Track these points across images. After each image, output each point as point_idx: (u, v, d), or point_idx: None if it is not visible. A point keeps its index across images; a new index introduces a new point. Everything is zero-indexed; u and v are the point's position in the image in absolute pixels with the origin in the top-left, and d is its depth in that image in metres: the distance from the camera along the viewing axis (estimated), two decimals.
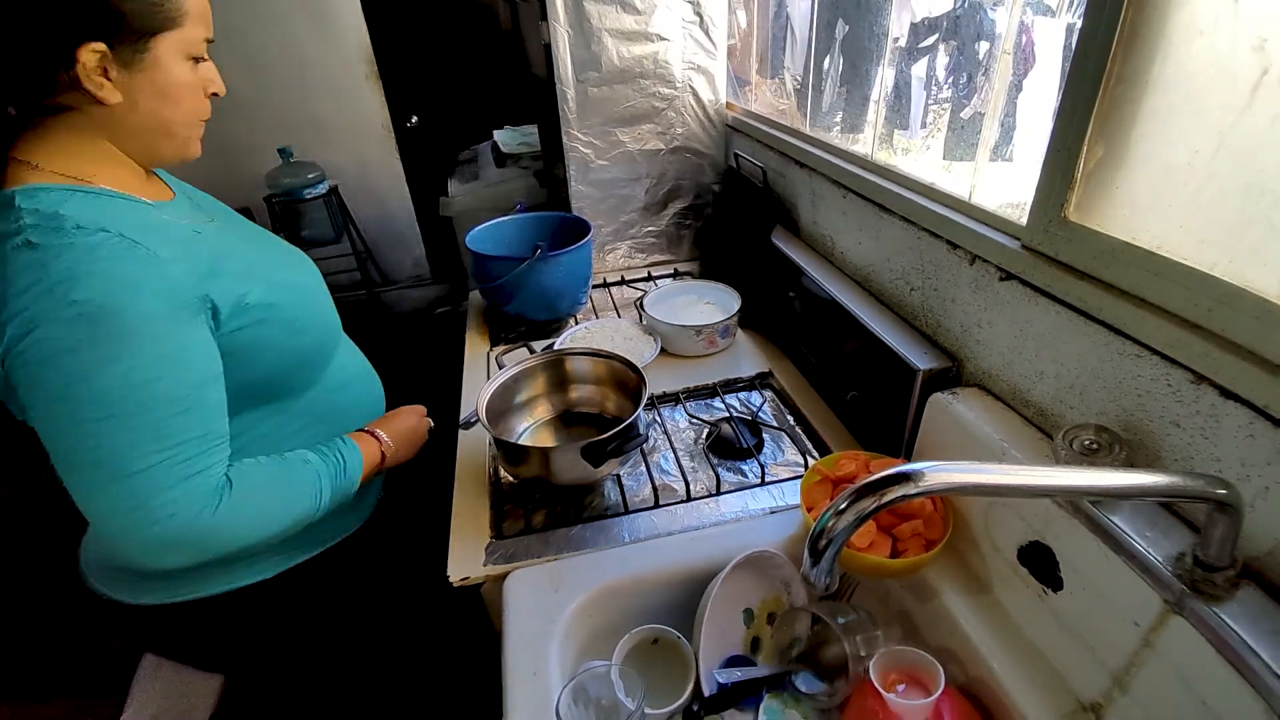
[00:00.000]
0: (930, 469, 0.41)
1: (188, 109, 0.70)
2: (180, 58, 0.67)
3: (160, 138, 0.70)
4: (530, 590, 0.79)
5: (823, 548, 0.43)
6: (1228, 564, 0.49)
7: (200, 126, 0.74)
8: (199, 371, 0.66)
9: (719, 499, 0.93)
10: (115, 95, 0.64)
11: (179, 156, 0.73)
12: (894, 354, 0.87)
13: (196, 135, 0.74)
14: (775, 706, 0.71)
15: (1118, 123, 0.60)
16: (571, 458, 0.86)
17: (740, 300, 1.32)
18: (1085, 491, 0.48)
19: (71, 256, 0.59)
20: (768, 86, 1.51)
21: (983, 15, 0.86)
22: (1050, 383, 0.70)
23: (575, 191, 1.58)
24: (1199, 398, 0.54)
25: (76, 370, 0.59)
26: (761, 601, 0.80)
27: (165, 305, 0.63)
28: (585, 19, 1.39)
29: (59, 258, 0.59)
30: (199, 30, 0.68)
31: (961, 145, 0.92)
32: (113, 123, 0.66)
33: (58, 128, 0.65)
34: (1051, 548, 0.64)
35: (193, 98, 0.71)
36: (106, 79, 0.63)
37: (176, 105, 0.69)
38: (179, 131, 0.71)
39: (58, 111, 0.64)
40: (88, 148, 0.66)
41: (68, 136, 0.65)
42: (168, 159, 0.73)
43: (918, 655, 0.68)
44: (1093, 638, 0.60)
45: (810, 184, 1.24)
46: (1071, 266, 0.64)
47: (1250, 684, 0.45)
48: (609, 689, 0.67)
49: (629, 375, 1.03)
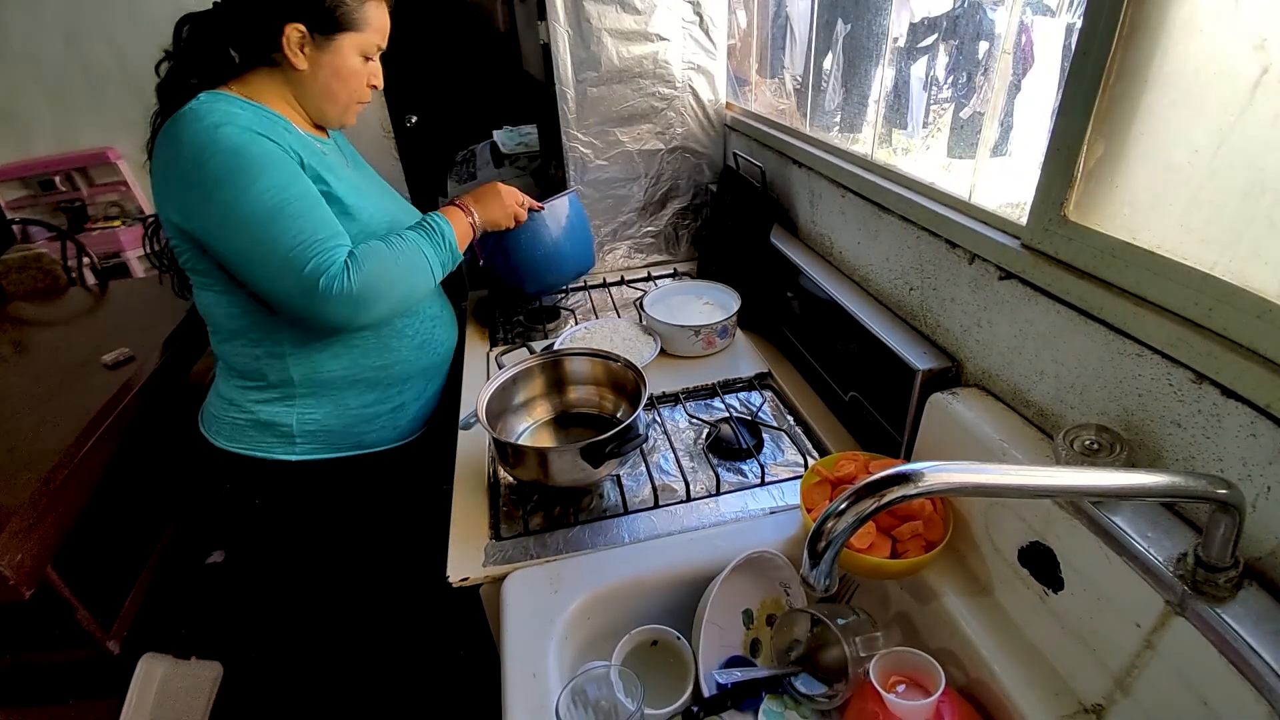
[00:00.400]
0: (930, 469, 0.41)
1: (352, 89, 0.97)
2: (355, 52, 0.94)
3: (326, 103, 0.97)
4: (529, 591, 0.78)
5: (822, 549, 0.43)
6: (1230, 564, 0.49)
7: (359, 105, 1.00)
8: (312, 188, 0.88)
9: (719, 499, 0.93)
10: (303, 63, 0.91)
11: (339, 121, 1.01)
12: (893, 354, 0.87)
13: (354, 110, 1.00)
14: (775, 708, 0.71)
15: (1117, 121, 0.60)
16: (571, 458, 0.86)
17: (739, 300, 1.31)
18: (1086, 492, 0.48)
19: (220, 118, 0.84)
20: (767, 86, 1.50)
21: (982, 15, 0.86)
22: (1050, 382, 0.70)
23: None
24: (1200, 397, 0.53)
25: (232, 193, 0.82)
26: (761, 603, 0.80)
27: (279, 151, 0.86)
28: (584, 19, 1.39)
29: (209, 117, 0.84)
30: (375, 38, 0.95)
31: (961, 145, 0.92)
32: (297, 82, 0.94)
33: (261, 75, 0.93)
34: (1052, 548, 0.64)
35: (357, 82, 0.97)
36: (301, 52, 0.90)
37: (344, 84, 0.95)
38: (341, 101, 0.97)
39: (265, 65, 0.92)
40: (273, 91, 0.94)
41: (265, 81, 0.93)
42: (330, 120, 1.01)
43: (918, 657, 0.68)
44: (1094, 639, 0.60)
45: (809, 184, 1.24)
46: (1071, 265, 0.64)
47: (1253, 685, 0.45)
48: (608, 690, 0.67)
49: (628, 375, 1.02)
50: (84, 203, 3.20)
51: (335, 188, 0.94)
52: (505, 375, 1.01)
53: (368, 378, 1.04)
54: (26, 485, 1.19)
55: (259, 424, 1.01)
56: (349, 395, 1.04)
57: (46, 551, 1.17)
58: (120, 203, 3.25)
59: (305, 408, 1.02)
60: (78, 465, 1.27)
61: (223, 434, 1.03)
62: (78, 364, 1.61)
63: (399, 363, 1.07)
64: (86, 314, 1.98)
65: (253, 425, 1.02)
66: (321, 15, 0.89)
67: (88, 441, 1.31)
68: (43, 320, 1.97)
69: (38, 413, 1.42)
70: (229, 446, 1.03)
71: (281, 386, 1.00)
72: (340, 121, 1.01)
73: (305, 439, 1.03)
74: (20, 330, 1.89)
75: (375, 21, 0.94)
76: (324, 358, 1.00)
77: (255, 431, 1.02)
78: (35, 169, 3.09)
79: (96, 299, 2.07)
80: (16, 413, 1.42)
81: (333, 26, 0.90)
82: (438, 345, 1.15)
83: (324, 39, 0.90)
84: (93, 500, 1.32)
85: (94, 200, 3.22)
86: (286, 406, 1.01)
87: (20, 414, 1.41)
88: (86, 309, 2.01)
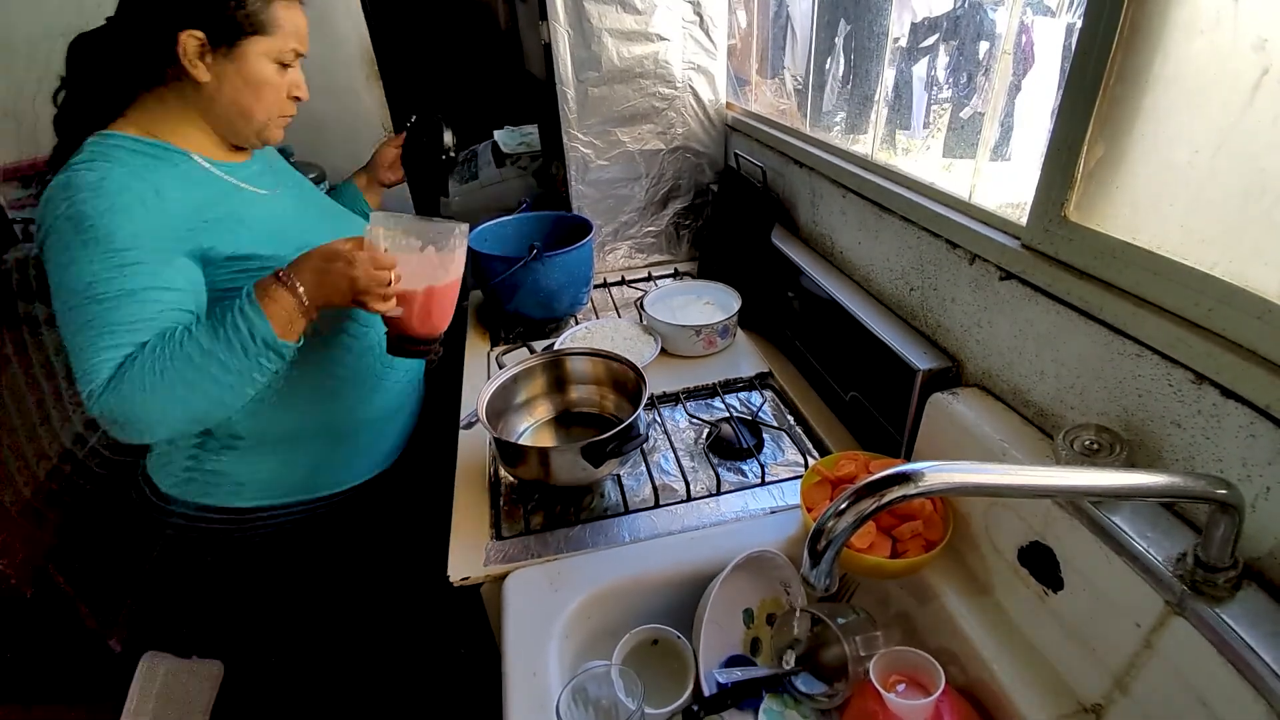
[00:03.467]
0: (930, 469, 0.41)
1: (267, 102, 0.85)
2: (266, 60, 0.82)
3: (238, 119, 0.85)
4: (530, 590, 0.78)
5: (822, 548, 0.43)
6: (1229, 564, 0.49)
7: (281, 120, 0.89)
8: (141, 282, 0.74)
9: (719, 499, 0.93)
10: (204, 74, 0.79)
11: (257, 139, 0.89)
12: (894, 354, 0.87)
13: (276, 125, 0.89)
14: (775, 707, 0.71)
15: (1118, 122, 0.60)
16: (571, 458, 0.86)
17: (740, 300, 1.31)
18: (1086, 492, 0.48)
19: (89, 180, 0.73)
20: (768, 86, 1.50)
21: (983, 15, 0.86)
22: (1050, 382, 0.70)
23: (575, 191, 1.58)
24: (1200, 397, 0.53)
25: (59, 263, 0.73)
26: (761, 602, 0.80)
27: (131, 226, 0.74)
28: (585, 19, 1.39)
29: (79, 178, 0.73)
30: (289, 43, 0.84)
31: (962, 145, 0.92)
32: (203, 99, 0.82)
33: (161, 98, 0.82)
34: (1052, 548, 0.64)
35: (273, 94, 0.85)
36: (201, 62, 0.79)
37: (257, 96, 0.84)
38: (257, 117, 0.85)
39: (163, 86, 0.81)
40: (176, 116, 0.83)
41: (166, 107, 0.82)
42: (246, 138, 0.88)
43: (918, 656, 0.68)
44: (1093, 638, 0.60)
45: (810, 184, 1.24)
46: (1071, 266, 0.64)
47: (1252, 685, 0.45)
48: (609, 689, 0.67)
49: (629, 375, 1.02)
50: None
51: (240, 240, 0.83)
52: (506, 375, 1.02)
53: (314, 428, 0.97)
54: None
55: (206, 472, 0.94)
56: (297, 449, 0.97)
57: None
58: None
59: (256, 458, 0.95)
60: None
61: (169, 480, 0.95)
62: None
63: (348, 408, 1.00)
64: None
65: (200, 473, 0.94)
66: (220, 20, 0.78)
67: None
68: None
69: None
70: (173, 493, 0.95)
71: (226, 439, 0.93)
72: (260, 139, 0.89)
73: (256, 487, 0.96)
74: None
75: (287, 24, 0.83)
76: (270, 412, 0.92)
77: (202, 478, 0.94)
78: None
79: None
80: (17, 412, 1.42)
81: (235, 32, 0.79)
82: (392, 383, 1.05)
83: (227, 47, 0.80)
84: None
85: None
86: (234, 456, 0.94)
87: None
88: None
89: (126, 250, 0.73)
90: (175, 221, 0.77)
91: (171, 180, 0.79)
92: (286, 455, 0.97)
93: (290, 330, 0.78)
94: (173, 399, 0.74)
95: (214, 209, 0.82)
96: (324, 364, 0.94)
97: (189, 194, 0.80)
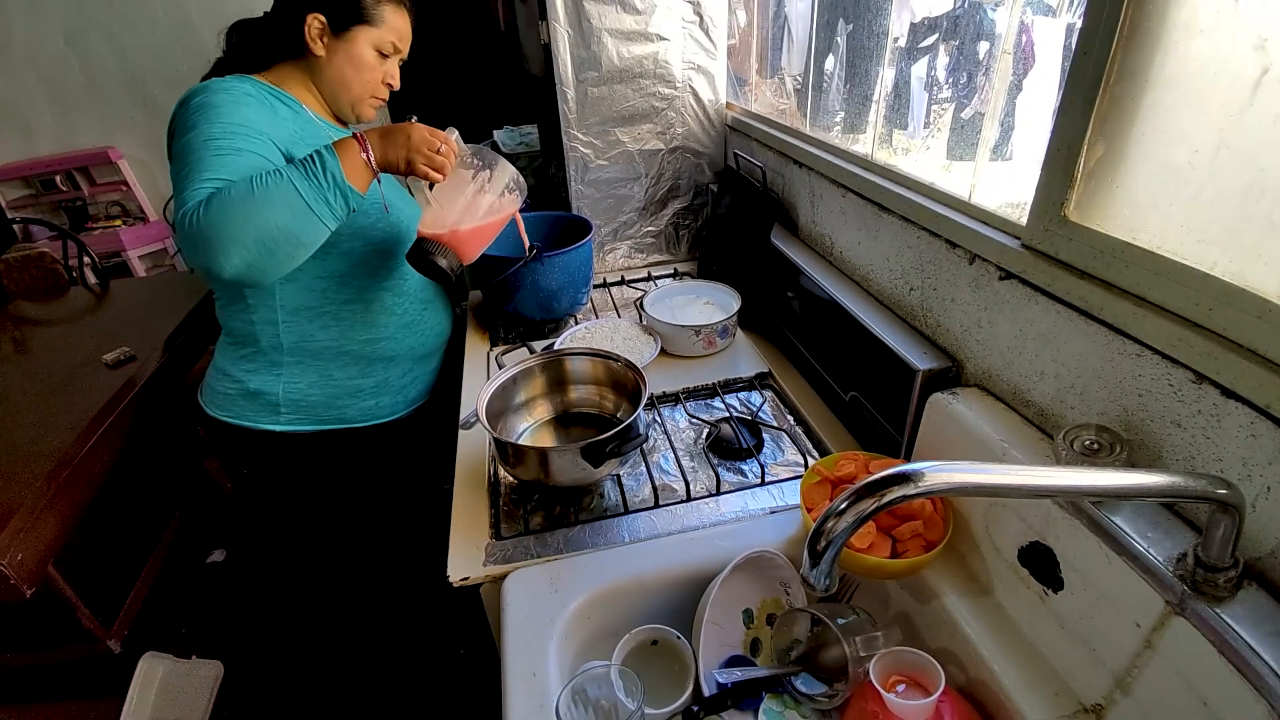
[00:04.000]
0: (930, 469, 0.41)
1: (365, 79, 1.05)
2: (369, 46, 1.03)
3: (340, 89, 1.05)
4: (530, 591, 0.78)
5: (822, 549, 0.43)
6: (1229, 564, 0.49)
7: (374, 101, 1.09)
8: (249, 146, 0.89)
9: (719, 499, 0.93)
10: (321, 50, 1.02)
11: (352, 112, 1.09)
12: (893, 354, 0.87)
13: (369, 104, 1.09)
14: (775, 708, 0.71)
15: (1118, 122, 0.60)
16: (571, 458, 0.86)
17: (739, 300, 1.31)
18: (1086, 492, 0.48)
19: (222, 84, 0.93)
20: (767, 86, 1.50)
21: (983, 15, 0.85)
22: (1051, 382, 0.70)
23: (575, 191, 1.58)
24: (1200, 397, 0.53)
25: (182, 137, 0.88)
26: (761, 602, 0.80)
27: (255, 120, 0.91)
28: (585, 19, 1.39)
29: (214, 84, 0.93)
30: (390, 36, 1.04)
31: (962, 145, 0.92)
32: (316, 70, 1.04)
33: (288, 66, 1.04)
34: (1052, 548, 0.64)
35: (370, 74, 1.05)
36: (320, 40, 1.01)
37: (357, 73, 1.04)
38: (354, 89, 1.06)
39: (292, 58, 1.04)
40: (297, 80, 1.05)
41: (291, 71, 1.04)
42: (343, 109, 1.08)
43: (918, 656, 0.68)
44: (1094, 639, 0.60)
45: (809, 184, 1.24)
46: (1071, 266, 0.64)
47: (1252, 685, 0.45)
48: (609, 690, 0.67)
49: (628, 375, 1.02)
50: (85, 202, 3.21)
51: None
52: (506, 375, 1.02)
53: (353, 350, 1.09)
54: (28, 484, 1.19)
55: (247, 393, 1.07)
56: (334, 367, 1.09)
57: (48, 550, 1.17)
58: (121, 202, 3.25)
59: (291, 377, 1.07)
60: (79, 464, 1.27)
61: (215, 403, 1.10)
62: (79, 363, 1.61)
63: (384, 339, 1.12)
64: (88, 313, 1.98)
65: (242, 395, 1.07)
66: (341, 8, 0.99)
67: (89, 440, 1.32)
68: (44, 319, 1.97)
69: (39, 411, 1.42)
70: (220, 415, 1.09)
71: (271, 353, 1.06)
72: (354, 112, 1.08)
73: (290, 409, 1.08)
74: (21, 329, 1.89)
75: (391, 21, 1.03)
76: (314, 327, 1.05)
77: (244, 401, 1.08)
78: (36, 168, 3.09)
79: (98, 298, 2.07)
80: (18, 412, 1.42)
81: (350, 19, 1.00)
82: (425, 329, 1.19)
83: (341, 30, 1.01)
84: (94, 499, 1.33)
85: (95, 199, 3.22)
86: (274, 375, 1.07)
87: (21, 413, 1.42)
88: (88, 308, 2.01)
89: (241, 125, 0.89)
90: (280, 131, 0.95)
91: (284, 111, 0.99)
92: (323, 371, 1.09)
93: (357, 179, 0.87)
94: (248, 216, 0.81)
95: (311, 140, 0.99)
96: (366, 295, 1.08)
97: (295, 123, 0.99)
